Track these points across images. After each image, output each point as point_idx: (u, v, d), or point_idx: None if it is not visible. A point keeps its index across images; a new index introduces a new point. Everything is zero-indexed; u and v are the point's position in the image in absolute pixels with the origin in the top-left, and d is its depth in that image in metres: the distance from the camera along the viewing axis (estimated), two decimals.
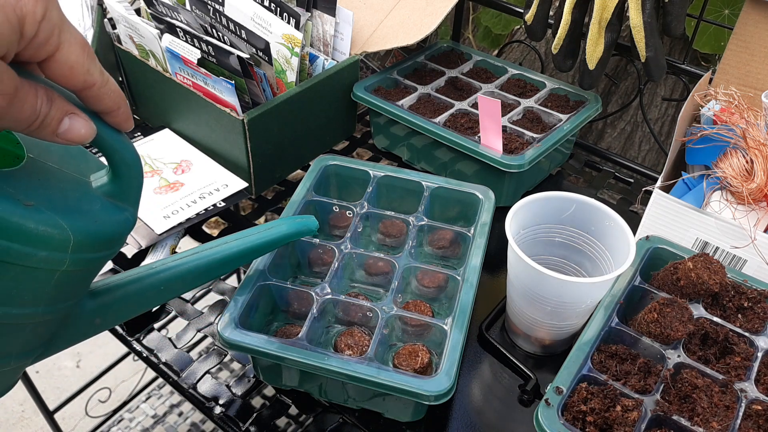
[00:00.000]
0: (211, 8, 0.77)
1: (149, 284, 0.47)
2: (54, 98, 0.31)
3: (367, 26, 0.87)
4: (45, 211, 0.33)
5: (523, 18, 0.82)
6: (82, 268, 0.36)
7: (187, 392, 0.59)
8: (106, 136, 0.35)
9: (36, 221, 0.32)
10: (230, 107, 0.72)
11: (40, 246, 0.33)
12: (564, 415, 0.48)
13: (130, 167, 0.37)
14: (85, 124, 0.33)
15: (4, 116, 0.29)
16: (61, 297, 0.37)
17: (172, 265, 0.48)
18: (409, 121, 0.77)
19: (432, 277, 0.61)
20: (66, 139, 0.32)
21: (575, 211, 0.59)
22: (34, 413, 1.45)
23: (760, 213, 0.62)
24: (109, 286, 0.44)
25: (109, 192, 0.37)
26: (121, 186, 0.38)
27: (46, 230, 0.33)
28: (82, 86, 0.32)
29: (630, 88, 1.13)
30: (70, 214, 0.34)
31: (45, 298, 0.36)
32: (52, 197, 0.34)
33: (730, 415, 0.48)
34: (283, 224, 0.56)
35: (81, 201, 0.36)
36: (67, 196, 0.35)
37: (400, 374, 0.50)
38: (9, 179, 0.33)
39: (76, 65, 0.31)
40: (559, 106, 0.82)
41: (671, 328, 0.51)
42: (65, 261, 0.34)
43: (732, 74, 0.74)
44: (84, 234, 0.35)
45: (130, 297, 0.46)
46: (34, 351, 0.39)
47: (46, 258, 0.33)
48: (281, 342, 0.52)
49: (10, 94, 0.29)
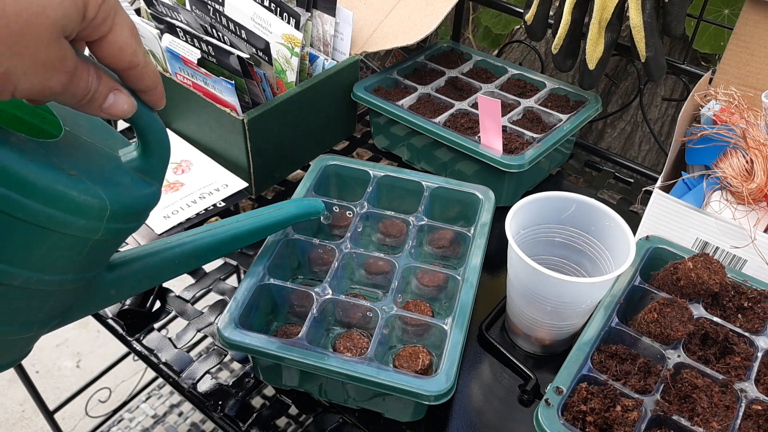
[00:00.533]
0: (211, 8, 0.77)
1: (164, 258, 0.48)
2: (101, 75, 0.33)
3: (367, 26, 0.87)
4: (86, 181, 0.35)
5: (523, 18, 0.82)
6: (112, 238, 0.38)
7: (187, 392, 0.59)
8: (143, 113, 0.37)
9: (79, 190, 0.34)
10: (230, 107, 0.72)
11: (80, 214, 0.34)
12: (564, 415, 0.48)
13: (161, 144, 0.39)
14: (128, 100, 0.35)
15: (64, 92, 0.31)
16: (89, 266, 0.39)
17: (186, 241, 0.50)
18: (409, 121, 0.77)
19: (432, 276, 0.61)
20: (109, 113, 0.34)
21: (575, 211, 0.59)
22: (34, 413, 1.45)
23: (760, 213, 0.62)
24: (126, 259, 0.46)
25: (138, 167, 0.39)
26: (150, 162, 0.39)
27: (87, 199, 0.34)
28: (128, 66, 0.34)
29: (630, 88, 1.13)
30: (106, 185, 0.36)
31: (76, 266, 0.37)
32: (90, 168, 0.36)
33: (730, 415, 0.48)
34: (291, 205, 0.58)
35: (115, 173, 0.38)
36: (103, 168, 0.37)
37: (400, 374, 0.50)
38: (52, 150, 0.34)
39: (125, 46, 0.33)
40: (559, 106, 0.82)
41: (671, 328, 0.51)
42: (100, 230, 0.36)
43: (732, 74, 0.74)
44: (119, 205, 0.36)
45: (146, 270, 0.47)
46: (53, 319, 0.41)
47: (83, 226, 0.35)
48: (281, 342, 0.52)
49: (71, 71, 0.31)
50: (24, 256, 0.34)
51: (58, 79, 0.30)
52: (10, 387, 1.51)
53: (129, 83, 0.35)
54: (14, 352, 0.41)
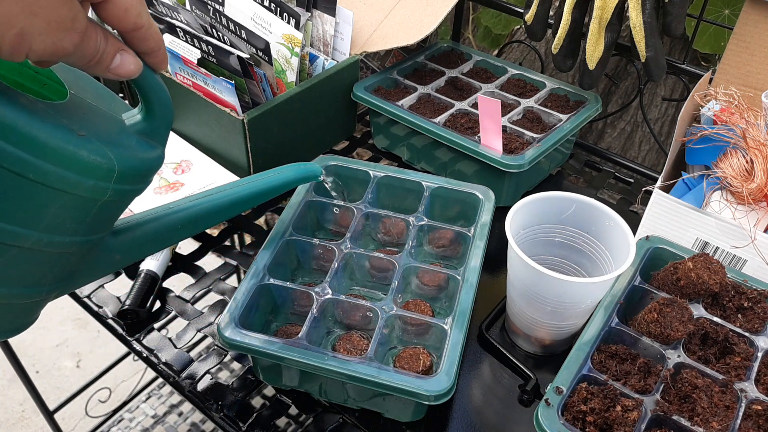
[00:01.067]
0: (211, 8, 0.77)
1: (166, 223, 0.49)
2: (108, 36, 0.33)
3: (367, 26, 0.87)
4: (95, 141, 0.35)
5: (523, 18, 0.82)
6: (118, 200, 0.38)
7: (187, 392, 0.59)
8: (147, 74, 0.37)
9: (88, 150, 0.34)
10: (230, 107, 0.72)
11: (89, 175, 0.35)
12: (564, 415, 0.48)
13: (164, 106, 0.40)
14: (134, 60, 0.35)
15: (75, 52, 0.32)
16: (96, 228, 0.39)
17: (188, 206, 0.51)
18: (409, 121, 0.77)
19: (432, 276, 0.61)
20: (116, 73, 0.35)
21: (575, 211, 0.59)
22: (34, 413, 1.45)
23: (760, 213, 0.62)
24: (129, 224, 0.47)
25: (142, 129, 0.39)
26: (153, 124, 0.40)
27: (95, 159, 0.35)
28: (132, 27, 0.34)
29: (630, 88, 1.13)
30: (113, 146, 0.36)
31: (84, 228, 0.38)
32: (97, 130, 0.36)
33: (730, 415, 0.48)
34: (289, 169, 0.59)
35: (120, 136, 0.38)
36: (109, 130, 0.37)
37: (400, 374, 0.50)
38: (61, 111, 0.35)
39: (130, 7, 0.33)
40: (559, 106, 0.82)
41: (671, 328, 0.51)
42: (108, 190, 0.36)
43: (732, 74, 0.74)
44: (126, 165, 0.37)
45: (149, 235, 0.48)
46: (60, 282, 0.41)
47: (93, 187, 0.35)
48: (281, 342, 0.52)
49: (82, 31, 0.31)
50: (36, 217, 0.35)
51: (70, 40, 0.31)
52: (10, 387, 1.51)
53: (133, 45, 0.35)
54: (22, 318, 0.41)
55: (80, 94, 0.38)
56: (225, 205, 0.54)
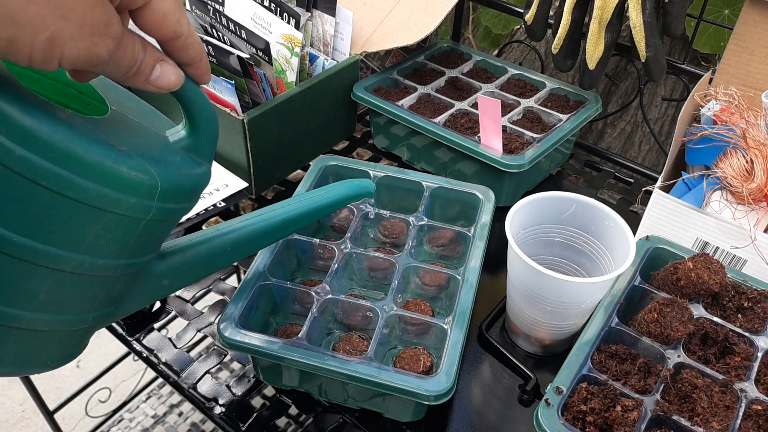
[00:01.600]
0: (211, 8, 0.77)
1: (217, 245, 0.47)
2: (147, 45, 0.32)
3: (367, 26, 0.87)
4: (136, 157, 0.33)
5: (523, 18, 0.82)
6: (164, 219, 0.37)
7: (187, 392, 0.59)
8: (189, 87, 0.36)
9: (129, 166, 0.33)
10: (230, 107, 0.72)
11: (131, 192, 0.33)
12: (564, 415, 0.48)
13: (209, 121, 0.38)
14: (175, 71, 0.34)
15: (111, 61, 0.30)
16: (141, 250, 0.38)
17: (238, 227, 0.49)
18: (409, 121, 0.77)
19: (433, 276, 0.61)
20: (157, 85, 0.33)
21: (575, 211, 0.59)
22: (34, 413, 1.45)
23: (760, 213, 0.62)
24: (178, 247, 0.45)
25: (186, 146, 0.38)
26: (198, 140, 0.38)
27: (137, 176, 0.33)
28: (172, 36, 0.33)
29: (630, 88, 1.13)
30: (156, 163, 0.35)
31: (128, 249, 0.36)
32: (139, 145, 0.35)
33: (730, 415, 0.48)
34: (342, 186, 0.56)
35: (163, 152, 0.36)
36: (152, 146, 0.36)
37: (400, 374, 0.50)
38: (101, 126, 0.33)
39: (169, 14, 0.32)
40: (559, 106, 0.82)
41: (671, 328, 0.51)
42: (151, 209, 0.35)
43: (732, 74, 0.74)
44: (169, 183, 0.35)
45: (199, 258, 0.46)
46: (107, 308, 0.40)
47: (134, 205, 0.34)
48: (281, 342, 0.52)
49: (118, 38, 0.30)
50: (76, 238, 0.33)
51: (105, 46, 0.29)
52: (10, 387, 1.51)
53: (173, 55, 0.34)
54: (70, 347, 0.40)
55: (122, 109, 0.37)
56: (277, 225, 0.52)
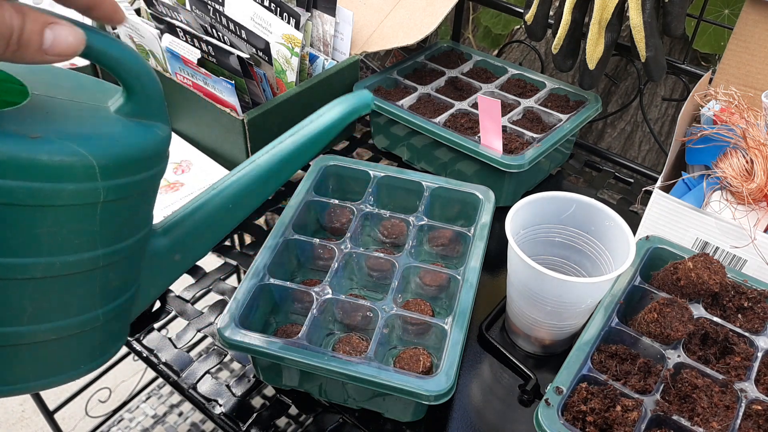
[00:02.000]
0: (211, 8, 0.77)
1: (216, 206, 0.43)
2: (24, 11, 0.28)
3: (367, 26, 0.87)
4: (55, 140, 0.31)
5: (523, 18, 0.82)
6: (124, 196, 0.34)
7: (187, 392, 0.59)
8: (98, 42, 0.32)
9: (48, 152, 0.30)
10: (230, 107, 0.72)
11: (64, 179, 0.31)
12: (564, 415, 0.48)
13: (139, 76, 0.34)
14: (72, 31, 0.29)
15: None
16: (117, 235, 0.35)
17: (233, 180, 0.44)
18: (409, 121, 0.77)
19: (434, 276, 0.61)
20: (56, 53, 0.29)
21: (575, 211, 0.59)
22: (34, 413, 1.45)
23: (760, 213, 0.62)
24: (175, 219, 0.42)
25: (128, 111, 0.35)
26: (137, 101, 0.35)
27: (62, 159, 0.30)
28: None
29: (630, 88, 1.13)
30: (86, 140, 0.32)
31: (99, 238, 0.34)
32: (61, 127, 0.32)
33: (730, 415, 0.48)
34: (336, 105, 0.47)
35: (99, 126, 0.34)
36: (82, 124, 0.33)
37: (400, 374, 0.50)
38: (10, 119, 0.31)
39: None
40: (559, 106, 0.82)
41: (671, 328, 0.51)
42: (99, 190, 0.32)
43: (732, 74, 0.74)
44: (108, 157, 0.32)
45: (199, 225, 0.43)
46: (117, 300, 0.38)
47: (76, 191, 0.31)
48: (281, 342, 0.52)
49: None
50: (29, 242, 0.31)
51: None
52: None
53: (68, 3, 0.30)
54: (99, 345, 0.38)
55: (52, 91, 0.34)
56: (274, 167, 0.44)
